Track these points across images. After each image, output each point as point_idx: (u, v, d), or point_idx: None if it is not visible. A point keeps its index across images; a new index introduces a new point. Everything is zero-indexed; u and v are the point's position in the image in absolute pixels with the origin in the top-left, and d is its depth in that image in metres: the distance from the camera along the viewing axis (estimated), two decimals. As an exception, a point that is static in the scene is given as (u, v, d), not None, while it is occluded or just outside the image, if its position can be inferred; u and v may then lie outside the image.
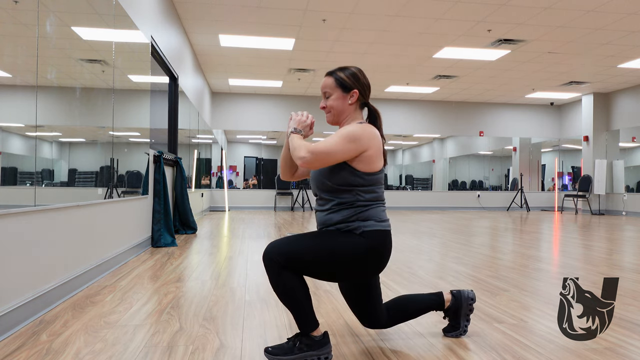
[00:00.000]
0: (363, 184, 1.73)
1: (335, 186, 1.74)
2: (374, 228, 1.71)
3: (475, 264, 3.82)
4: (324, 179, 1.76)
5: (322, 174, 1.77)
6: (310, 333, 1.70)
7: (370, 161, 1.72)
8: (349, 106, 1.81)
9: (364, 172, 1.72)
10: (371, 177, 1.74)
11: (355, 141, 1.68)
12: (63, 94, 2.67)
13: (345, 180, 1.72)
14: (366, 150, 1.70)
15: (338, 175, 1.73)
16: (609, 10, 5.89)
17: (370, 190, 1.75)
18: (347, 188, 1.73)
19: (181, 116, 6.40)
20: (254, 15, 6.24)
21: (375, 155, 1.73)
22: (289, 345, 1.71)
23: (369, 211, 1.73)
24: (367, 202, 1.74)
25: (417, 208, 11.97)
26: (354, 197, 1.73)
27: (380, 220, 1.74)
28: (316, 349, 1.69)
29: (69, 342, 1.89)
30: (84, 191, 3.01)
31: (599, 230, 6.90)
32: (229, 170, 13.05)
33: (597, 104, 11.01)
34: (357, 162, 1.71)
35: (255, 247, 4.70)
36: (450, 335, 2.00)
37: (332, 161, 1.68)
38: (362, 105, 1.87)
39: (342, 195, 1.74)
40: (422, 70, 9.08)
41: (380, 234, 1.72)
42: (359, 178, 1.72)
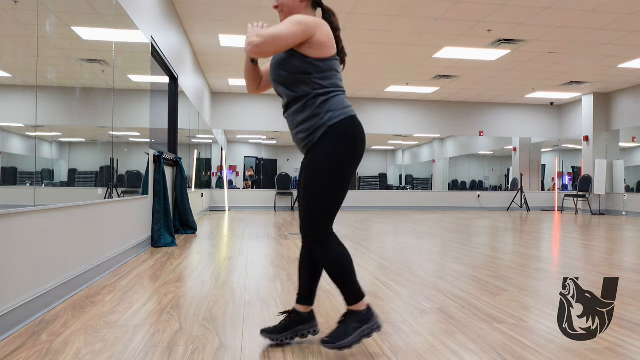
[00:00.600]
0: (317, 71, 1.76)
1: (290, 75, 1.77)
2: (339, 118, 1.75)
3: (475, 264, 3.82)
4: (279, 70, 1.80)
5: (276, 66, 1.81)
6: (356, 306, 1.77)
7: (320, 46, 1.74)
8: (300, 4, 1.86)
9: (316, 57, 1.75)
10: (324, 63, 1.77)
11: (301, 24, 1.71)
12: (63, 94, 2.67)
13: (298, 68, 1.75)
14: (314, 35, 1.73)
15: (289, 62, 1.76)
16: (609, 10, 5.88)
17: (326, 77, 1.77)
18: (301, 77, 1.76)
19: (181, 116, 6.40)
20: (254, 15, 6.24)
21: (325, 41, 1.75)
22: (342, 329, 1.77)
23: (328, 102, 1.76)
24: (325, 91, 1.76)
25: (417, 208, 11.97)
26: (311, 86, 1.76)
27: (343, 108, 1.78)
28: (367, 322, 1.78)
29: (69, 342, 1.89)
30: (84, 191, 3.01)
31: (599, 230, 6.90)
32: (229, 170, 13.05)
33: (597, 104, 11.01)
34: (306, 48, 1.74)
35: (255, 247, 4.70)
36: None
37: (282, 44, 1.69)
38: (314, 5, 1.91)
39: (299, 86, 1.77)
40: (422, 70, 9.08)
41: (348, 121, 1.76)
42: (311, 65, 1.75)
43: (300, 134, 1.80)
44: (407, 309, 2.45)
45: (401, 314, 2.36)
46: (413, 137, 12.98)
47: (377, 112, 11.74)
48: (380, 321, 1.83)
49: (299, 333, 1.90)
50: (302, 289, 1.93)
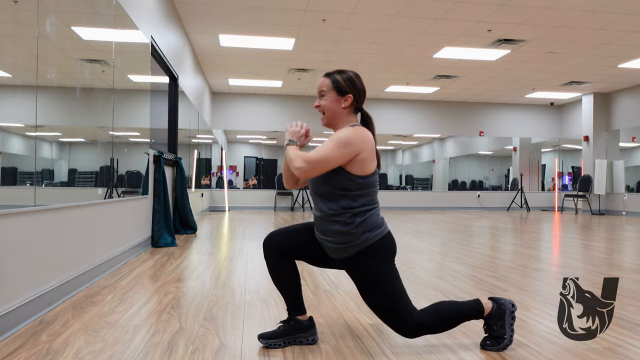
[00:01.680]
0: (357, 188, 1.77)
1: (331, 190, 1.79)
2: (373, 240, 1.78)
3: (475, 264, 3.82)
4: (320, 184, 1.81)
5: (318, 178, 1.82)
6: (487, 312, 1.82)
7: (364, 164, 1.76)
8: (342, 110, 1.85)
9: (358, 175, 1.76)
10: (365, 181, 1.78)
11: (348, 145, 1.72)
12: (63, 94, 2.67)
13: (340, 184, 1.77)
14: (359, 154, 1.74)
15: (333, 179, 1.78)
16: (609, 10, 5.88)
17: (365, 194, 1.79)
18: (342, 193, 1.77)
19: (181, 116, 6.40)
20: (254, 15, 6.24)
21: (369, 158, 1.77)
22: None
23: (365, 223, 1.78)
24: (362, 210, 1.78)
25: (417, 208, 11.97)
26: (349, 202, 1.77)
27: (378, 227, 1.80)
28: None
29: (69, 342, 1.89)
30: (84, 191, 3.01)
31: (599, 230, 6.90)
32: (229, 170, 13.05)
33: (597, 104, 11.01)
34: (350, 165, 1.76)
35: (255, 247, 4.70)
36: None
37: (328, 167, 1.73)
38: (355, 110, 1.90)
39: (337, 201, 1.78)
40: (422, 70, 9.08)
41: (382, 241, 1.79)
42: (354, 182, 1.76)
43: (330, 243, 1.82)
44: (407, 309, 2.44)
45: (401, 314, 2.36)
46: (413, 137, 12.99)
47: (377, 112, 11.74)
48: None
49: (297, 340, 1.89)
50: (291, 301, 1.91)
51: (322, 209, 1.82)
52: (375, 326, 2.15)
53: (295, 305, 1.91)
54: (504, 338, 1.81)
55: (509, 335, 1.81)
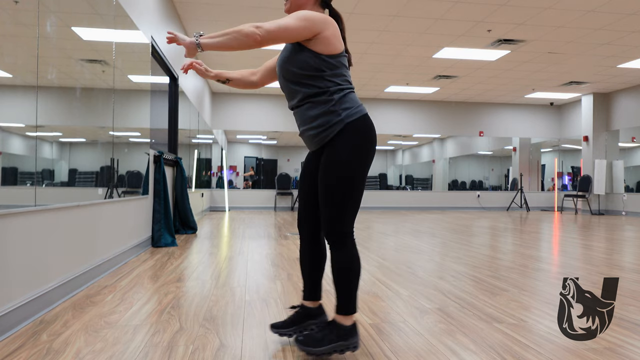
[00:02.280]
0: (329, 67, 1.73)
1: (302, 71, 1.73)
2: (356, 116, 1.73)
3: (475, 264, 3.82)
4: (289, 67, 1.76)
5: (285, 61, 1.78)
6: (344, 319, 1.73)
7: (329, 42, 1.71)
8: (306, 3, 1.81)
9: (326, 54, 1.72)
10: (335, 60, 1.74)
11: (307, 20, 1.67)
12: (63, 94, 2.67)
13: (309, 63, 1.72)
14: (321, 32, 1.69)
15: (301, 60, 1.73)
16: (609, 10, 5.89)
17: (339, 74, 1.75)
18: (314, 73, 1.73)
19: (181, 116, 6.40)
20: (254, 15, 6.24)
21: (333, 36, 1.72)
22: (319, 335, 1.73)
23: (344, 99, 1.74)
24: (339, 87, 1.74)
25: (417, 208, 11.97)
26: (324, 83, 1.73)
27: (357, 106, 1.76)
28: (346, 338, 1.72)
29: (69, 342, 1.89)
30: (84, 191, 3.01)
31: (598, 230, 6.91)
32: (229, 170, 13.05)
33: (597, 104, 11.01)
34: (315, 44, 1.71)
35: (255, 247, 4.71)
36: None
37: (286, 37, 1.65)
38: (322, 4, 1.85)
39: (312, 83, 1.73)
40: (422, 70, 9.08)
41: (363, 119, 1.75)
42: (324, 61, 1.72)
43: (312, 130, 1.76)
44: (407, 309, 2.45)
45: (401, 314, 2.36)
46: (413, 137, 12.98)
47: (377, 112, 11.74)
48: (359, 342, 1.76)
49: (309, 328, 1.89)
50: (307, 285, 1.93)
51: (298, 94, 1.76)
52: (375, 326, 2.15)
53: (310, 290, 1.91)
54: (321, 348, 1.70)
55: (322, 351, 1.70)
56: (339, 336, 1.72)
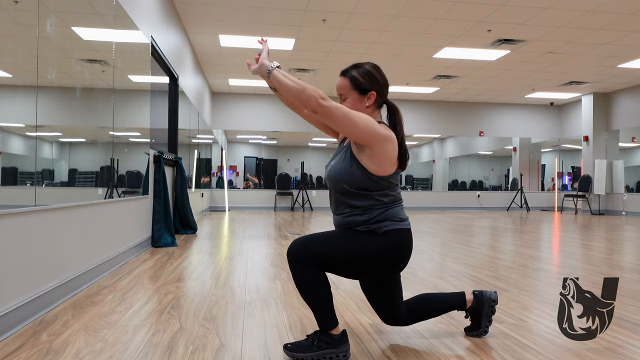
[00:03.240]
0: (379, 188, 1.71)
1: (352, 189, 1.71)
2: (394, 227, 1.71)
3: (475, 264, 3.82)
4: (340, 180, 1.73)
5: (338, 173, 1.74)
6: (329, 331, 1.71)
7: (381, 162, 1.67)
8: (367, 109, 1.75)
9: (376, 174, 1.68)
10: (384, 181, 1.71)
11: (371, 130, 1.62)
12: (63, 94, 2.67)
13: (361, 183, 1.70)
14: (375, 149, 1.64)
15: (353, 176, 1.70)
16: (609, 10, 5.89)
17: (387, 194, 1.73)
18: (363, 192, 1.71)
19: (181, 116, 6.40)
20: (254, 15, 6.24)
21: (386, 157, 1.67)
22: (308, 343, 1.73)
23: (387, 212, 1.73)
24: (383, 205, 1.72)
25: (417, 208, 11.97)
26: (371, 201, 1.71)
27: (400, 220, 1.74)
28: (335, 346, 1.71)
29: (69, 342, 1.89)
30: (84, 191, 3.01)
31: (598, 230, 6.91)
32: (229, 170, 13.05)
33: (597, 104, 11.01)
34: (366, 159, 1.67)
35: (255, 247, 4.71)
36: (472, 335, 2.00)
37: (340, 126, 1.59)
38: (379, 105, 1.79)
39: (359, 199, 1.72)
40: (422, 70, 9.08)
41: (401, 232, 1.72)
42: (374, 182, 1.70)
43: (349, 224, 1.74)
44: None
45: (401, 314, 2.36)
46: (413, 137, 12.98)
47: (377, 112, 11.73)
48: (349, 350, 1.73)
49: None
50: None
51: (342, 208, 1.75)
52: (375, 326, 2.15)
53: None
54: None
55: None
56: (328, 343, 1.70)
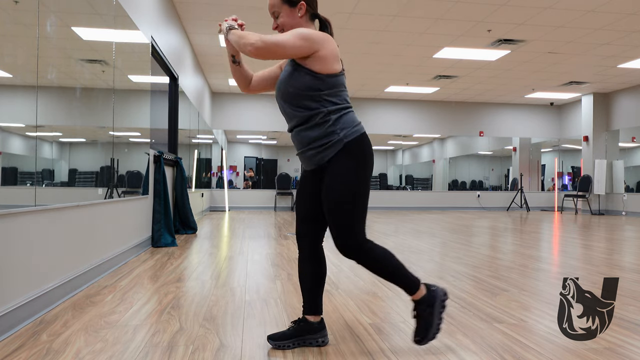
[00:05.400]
0: (327, 87, 1.75)
1: (299, 91, 1.76)
2: (353, 136, 1.77)
3: (475, 264, 3.82)
4: (287, 86, 1.79)
5: (282, 82, 1.81)
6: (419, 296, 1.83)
7: (326, 61, 1.74)
8: (299, 19, 1.83)
9: (324, 73, 1.74)
10: (332, 79, 1.76)
11: (306, 39, 1.71)
12: (63, 94, 2.67)
13: (307, 84, 1.75)
14: (319, 50, 1.72)
15: (299, 79, 1.76)
16: (609, 10, 5.89)
17: (336, 93, 1.78)
18: (311, 93, 1.75)
19: (181, 116, 6.40)
20: (254, 15, 6.24)
21: (331, 56, 1.75)
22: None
23: (341, 119, 1.77)
24: (336, 107, 1.77)
25: (417, 208, 11.97)
26: (321, 103, 1.76)
27: (355, 125, 1.80)
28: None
29: (69, 342, 1.89)
30: (84, 191, 3.01)
31: (598, 230, 6.91)
32: (229, 170, 13.05)
33: (597, 104, 11.01)
34: (312, 63, 1.73)
35: (255, 247, 4.71)
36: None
37: (282, 54, 1.69)
38: (311, 17, 1.88)
39: (308, 103, 1.76)
40: (422, 70, 9.08)
41: (360, 139, 1.79)
42: (321, 81, 1.74)
43: (311, 150, 1.80)
44: (407, 309, 2.45)
45: (401, 314, 2.36)
46: (413, 137, 12.99)
47: (377, 112, 11.74)
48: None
49: (307, 342, 1.87)
50: (307, 300, 1.90)
51: (295, 115, 1.79)
52: (375, 326, 2.15)
53: (310, 305, 1.89)
54: (432, 326, 1.81)
55: (437, 324, 1.82)
56: (430, 305, 1.82)
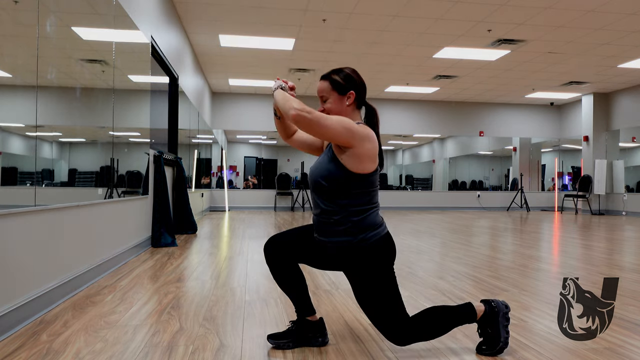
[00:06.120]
0: (356, 186, 1.73)
1: (329, 186, 1.75)
2: (374, 239, 1.74)
3: (475, 264, 3.82)
4: (317, 176, 1.78)
5: (316, 170, 1.80)
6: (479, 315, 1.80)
7: (361, 160, 1.71)
8: (347, 108, 1.82)
9: (356, 172, 1.72)
10: (364, 180, 1.74)
11: (348, 130, 1.68)
12: (63, 94, 2.67)
13: (337, 179, 1.73)
14: (356, 147, 1.69)
15: (330, 171, 1.74)
16: (609, 10, 5.88)
17: (363, 194, 1.75)
18: (338, 189, 1.73)
19: (181, 116, 6.40)
20: (254, 15, 6.24)
21: (366, 156, 1.72)
22: (490, 335, 1.80)
23: (362, 221, 1.74)
24: (358, 209, 1.74)
25: (417, 208, 11.97)
26: (346, 200, 1.73)
27: (376, 228, 1.76)
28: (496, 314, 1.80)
29: (69, 342, 1.89)
30: (84, 191, 3.01)
31: (599, 230, 6.90)
32: (229, 170, 13.05)
33: (597, 104, 11.01)
34: (347, 159, 1.71)
35: (255, 247, 4.71)
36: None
37: (319, 132, 1.66)
38: (359, 106, 1.88)
39: (334, 198, 1.75)
40: (422, 70, 9.08)
41: (381, 241, 1.76)
42: (350, 179, 1.72)
43: (329, 244, 1.79)
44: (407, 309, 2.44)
45: (401, 314, 2.36)
46: (413, 137, 12.99)
47: (377, 112, 11.73)
48: (505, 302, 1.84)
49: (307, 341, 1.87)
50: (297, 304, 1.90)
51: (320, 207, 1.79)
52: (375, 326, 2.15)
53: (302, 307, 1.89)
54: (499, 342, 1.77)
55: (504, 338, 1.77)
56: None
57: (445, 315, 1.78)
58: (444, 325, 1.77)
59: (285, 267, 1.87)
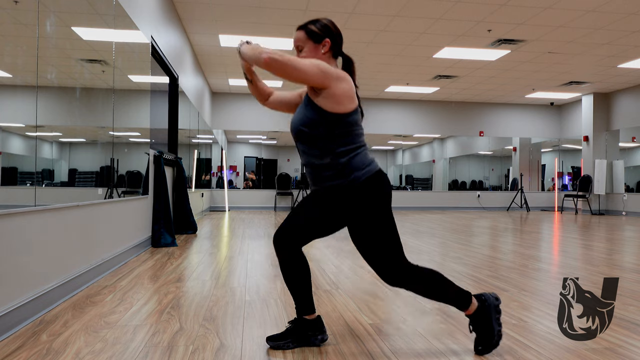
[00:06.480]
0: (336, 127, 1.73)
1: (309, 130, 1.76)
2: (365, 177, 1.75)
3: (475, 264, 3.82)
4: (298, 124, 1.79)
5: (296, 120, 1.81)
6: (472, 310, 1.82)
7: (338, 100, 1.71)
8: (322, 56, 1.82)
9: (336, 112, 1.72)
10: (346, 119, 1.74)
11: (322, 71, 1.68)
12: (63, 94, 2.67)
13: (317, 122, 1.74)
14: (330, 87, 1.70)
15: (310, 117, 1.75)
16: (609, 10, 5.88)
17: (348, 133, 1.75)
18: (320, 132, 1.74)
19: (181, 116, 6.40)
20: (254, 15, 6.24)
21: (343, 95, 1.72)
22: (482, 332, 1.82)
23: (351, 162, 1.74)
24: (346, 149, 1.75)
25: (417, 208, 11.97)
26: (331, 144, 1.74)
27: (366, 166, 1.76)
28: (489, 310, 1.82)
29: (69, 342, 1.89)
30: (84, 191, 3.01)
31: (599, 230, 6.90)
32: (229, 170, 13.05)
33: (597, 104, 11.01)
34: (323, 101, 1.71)
35: (255, 247, 4.71)
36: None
37: (293, 74, 1.65)
38: (335, 55, 1.87)
39: (319, 142, 1.75)
40: (422, 70, 9.08)
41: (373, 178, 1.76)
42: (330, 120, 1.72)
43: (325, 189, 1.79)
44: (407, 309, 2.45)
45: (401, 314, 2.36)
46: (413, 137, 12.98)
47: (377, 112, 11.74)
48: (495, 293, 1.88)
49: (306, 340, 1.88)
50: (299, 301, 1.89)
51: (307, 155, 1.80)
52: (375, 326, 2.15)
53: (303, 305, 1.89)
54: (494, 335, 1.80)
55: (497, 331, 1.80)
56: (485, 316, 1.81)
57: (443, 285, 1.80)
58: (437, 291, 1.80)
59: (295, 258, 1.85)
